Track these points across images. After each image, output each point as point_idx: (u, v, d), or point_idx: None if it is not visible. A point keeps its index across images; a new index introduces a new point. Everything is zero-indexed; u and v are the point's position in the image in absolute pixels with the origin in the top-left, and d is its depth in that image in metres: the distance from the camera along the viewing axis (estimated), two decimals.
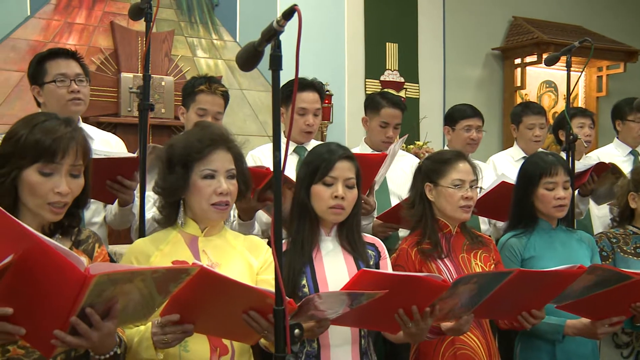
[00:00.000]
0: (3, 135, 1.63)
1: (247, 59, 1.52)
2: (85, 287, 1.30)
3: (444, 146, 3.83)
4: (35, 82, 2.50)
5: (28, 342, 1.46)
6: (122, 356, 1.63)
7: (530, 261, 2.44)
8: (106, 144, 2.67)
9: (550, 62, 3.12)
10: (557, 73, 5.96)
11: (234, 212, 2.57)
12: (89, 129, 2.70)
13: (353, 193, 2.09)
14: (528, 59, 5.80)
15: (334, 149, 2.12)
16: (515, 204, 2.57)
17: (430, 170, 2.36)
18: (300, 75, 1.45)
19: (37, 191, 1.57)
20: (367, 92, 5.28)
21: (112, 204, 2.45)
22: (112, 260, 2.48)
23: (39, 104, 2.55)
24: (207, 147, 1.85)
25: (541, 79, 6.11)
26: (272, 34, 1.46)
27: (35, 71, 2.49)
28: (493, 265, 2.34)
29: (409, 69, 5.55)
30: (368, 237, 2.21)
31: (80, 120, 2.67)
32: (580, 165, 3.23)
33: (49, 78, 2.46)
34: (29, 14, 4.09)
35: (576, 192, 3.14)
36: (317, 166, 2.08)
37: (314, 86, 3.03)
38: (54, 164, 1.57)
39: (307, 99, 2.97)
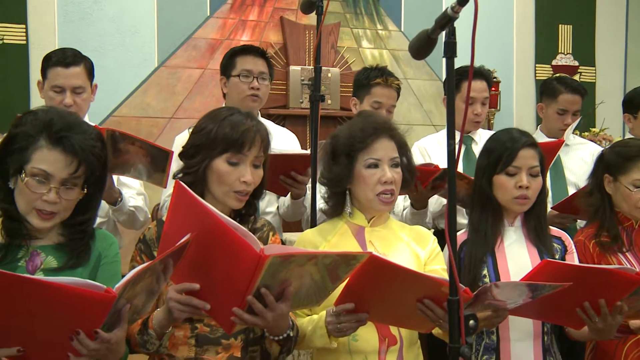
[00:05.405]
0: (192, 129, 1.77)
1: (421, 47, 1.50)
2: (260, 267, 1.36)
3: (623, 133, 3.54)
4: (224, 73, 2.69)
5: (212, 316, 1.56)
6: (294, 339, 1.68)
7: None
8: (281, 139, 2.76)
9: None
10: None
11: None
12: (266, 123, 2.83)
13: (537, 181, 2.00)
14: None
15: (516, 137, 2.02)
16: None
17: (612, 163, 2.21)
18: (466, 62, 1.40)
19: (225, 179, 1.69)
20: (537, 77, 5.05)
21: (285, 196, 2.54)
22: None
23: (224, 95, 2.73)
24: (370, 136, 1.84)
25: None
26: (446, 21, 1.43)
27: (227, 63, 2.68)
28: None
29: (585, 51, 5.24)
30: (554, 230, 2.11)
31: (260, 114, 2.81)
32: None
33: (235, 72, 2.64)
34: (208, 14, 4.39)
35: None
36: (499, 155, 2.01)
37: (482, 74, 2.97)
38: (241, 154, 1.69)
39: (476, 87, 2.92)
